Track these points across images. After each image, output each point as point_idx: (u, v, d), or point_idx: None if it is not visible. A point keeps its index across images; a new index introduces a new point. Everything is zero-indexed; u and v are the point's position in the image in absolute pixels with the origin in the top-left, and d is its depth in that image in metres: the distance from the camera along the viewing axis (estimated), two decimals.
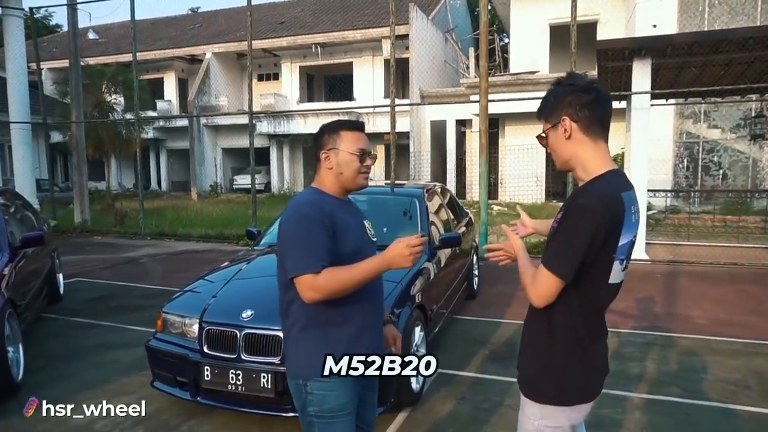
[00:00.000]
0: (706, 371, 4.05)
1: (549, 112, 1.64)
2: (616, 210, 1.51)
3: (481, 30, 8.17)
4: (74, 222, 12.36)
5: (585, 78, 1.64)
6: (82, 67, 15.26)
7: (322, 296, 1.74)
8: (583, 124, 1.59)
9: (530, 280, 1.60)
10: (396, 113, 19.28)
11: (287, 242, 1.82)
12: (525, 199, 16.86)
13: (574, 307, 1.57)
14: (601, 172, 1.57)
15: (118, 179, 26.49)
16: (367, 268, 1.76)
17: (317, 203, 1.83)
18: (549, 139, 1.66)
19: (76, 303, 6.06)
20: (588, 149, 1.60)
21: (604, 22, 17.65)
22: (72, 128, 12.42)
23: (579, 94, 1.58)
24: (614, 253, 1.53)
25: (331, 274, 1.73)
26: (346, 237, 1.84)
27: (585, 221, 1.48)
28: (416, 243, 1.73)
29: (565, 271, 1.50)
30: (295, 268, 1.75)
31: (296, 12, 26.29)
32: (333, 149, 1.89)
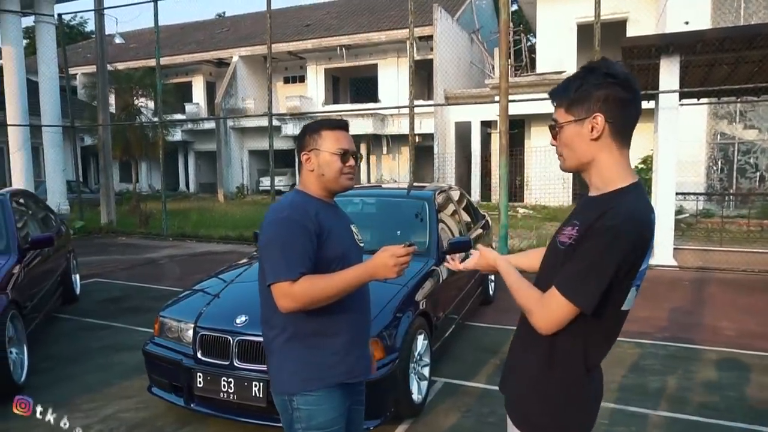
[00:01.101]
0: (733, 388, 3.78)
1: (575, 101, 1.37)
2: (648, 234, 1.33)
3: (501, 29, 7.97)
4: (100, 223, 12.58)
5: (623, 68, 1.38)
6: (112, 72, 15.62)
7: (298, 305, 1.65)
8: (616, 126, 1.35)
9: (535, 303, 1.38)
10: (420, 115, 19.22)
11: (266, 247, 1.73)
12: (551, 202, 16.49)
13: (579, 335, 1.37)
14: (625, 184, 1.36)
15: (149, 181, 27.08)
16: (349, 278, 1.66)
17: (300, 206, 1.75)
18: (566, 132, 1.40)
19: (90, 304, 6.11)
20: (613, 156, 1.37)
21: (633, 20, 17.13)
22: (99, 131, 12.66)
23: (618, 90, 1.34)
24: (633, 279, 1.35)
25: (309, 282, 1.64)
26: (332, 241, 1.76)
27: (616, 248, 1.27)
28: (402, 253, 1.61)
29: (587, 301, 1.30)
30: (272, 275, 1.66)
31: (322, 14, 26.40)
32: (314, 150, 1.81)
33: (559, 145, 1.44)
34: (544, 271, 1.48)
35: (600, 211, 1.31)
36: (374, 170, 22.93)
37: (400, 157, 22.25)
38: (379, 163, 23.02)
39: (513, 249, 8.83)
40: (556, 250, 1.42)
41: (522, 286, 1.43)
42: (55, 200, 14.16)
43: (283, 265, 1.64)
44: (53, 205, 13.72)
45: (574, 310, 1.31)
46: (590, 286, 1.29)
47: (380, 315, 3.17)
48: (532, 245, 9.22)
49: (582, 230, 1.33)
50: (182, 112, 25.20)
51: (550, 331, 1.36)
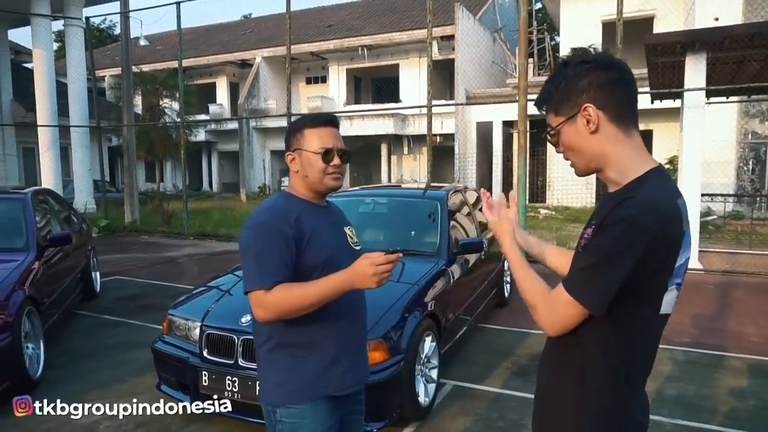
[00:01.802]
0: (755, 397, 3.63)
1: (560, 101, 1.27)
2: (673, 222, 1.16)
3: (520, 26, 7.85)
4: (124, 222, 12.83)
5: (598, 51, 1.28)
6: (137, 74, 15.95)
7: (272, 315, 1.57)
8: (611, 110, 1.23)
9: (540, 298, 1.23)
10: (442, 115, 19.09)
11: (243, 253, 1.65)
12: (574, 203, 16.20)
13: (609, 345, 1.21)
14: (643, 171, 1.22)
15: (173, 180, 27.53)
16: (326, 287, 1.56)
17: (280, 210, 1.67)
18: (563, 136, 1.29)
19: (109, 301, 6.22)
20: (621, 143, 1.24)
21: (660, 17, 16.73)
22: (123, 131, 12.92)
23: (599, 73, 1.23)
24: (669, 278, 1.17)
25: (283, 291, 1.55)
26: (317, 246, 1.66)
27: (626, 239, 1.12)
28: (381, 261, 1.49)
29: (595, 301, 1.15)
30: (247, 282, 1.60)
31: (344, 15, 26.48)
32: (297, 150, 1.72)
33: (563, 151, 1.33)
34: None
35: (614, 202, 1.18)
36: (395, 170, 22.89)
37: (420, 158, 22.15)
38: (400, 163, 22.97)
39: None
40: (576, 254, 1.28)
41: (528, 277, 1.29)
42: (83, 199, 14.53)
43: (257, 273, 1.57)
44: (80, 203, 14.10)
45: (581, 310, 1.16)
46: (598, 284, 1.14)
47: (386, 315, 3.14)
48: None
49: (597, 225, 1.20)
50: (206, 113, 25.56)
51: (556, 332, 1.22)
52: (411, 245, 4.32)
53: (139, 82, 15.73)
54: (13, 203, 4.93)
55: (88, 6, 15.85)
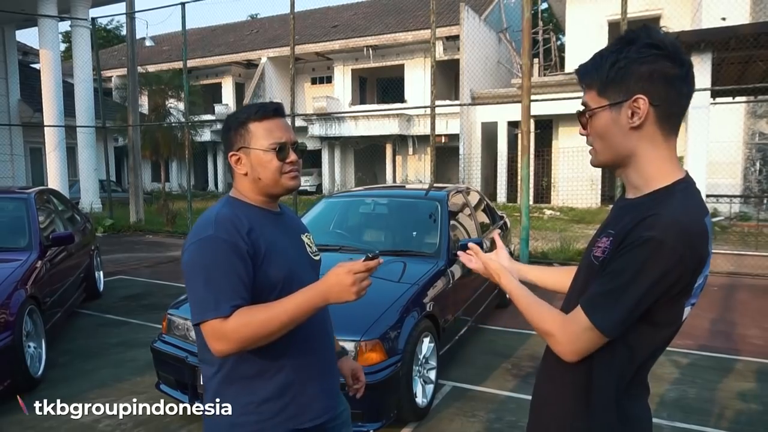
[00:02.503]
0: (757, 400, 3.61)
1: (610, 81, 1.11)
2: (701, 246, 1.06)
3: (524, 27, 7.82)
4: (129, 221, 12.90)
5: (668, 36, 1.10)
6: (143, 74, 16.03)
7: (234, 347, 1.30)
8: (663, 110, 1.09)
9: (555, 325, 1.14)
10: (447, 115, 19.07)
11: (188, 278, 1.35)
12: (579, 203, 16.15)
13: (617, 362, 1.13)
14: (670, 182, 1.11)
15: (179, 180, 27.66)
16: (296, 305, 1.31)
17: (229, 220, 1.38)
18: (599, 119, 1.14)
19: (112, 300, 6.26)
20: (657, 148, 1.12)
21: (667, 17, 16.63)
22: (128, 131, 12.99)
23: (666, 64, 1.07)
24: (686, 298, 1.10)
25: (245, 317, 1.29)
26: (275, 259, 1.41)
27: (651, 263, 1.02)
28: (361, 269, 1.27)
29: (612, 326, 1.07)
30: (198, 312, 1.31)
31: (349, 15, 26.51)
32: (243, 149, 1.45)
33: (590, 134, 1.18)
34: (575, 292, 1.22)
35: (638, 218, 1.07)
36: (400, 170, 22.89)
37: (425, 158, 22.12)
38: (405, 163, 22.97)
39: (536, 251, 8.67)
40: (591, 266, 1.18)
41: (535, 305, 1.20)
42: (89, 199, 14.62)
43: (211, 299, 1.29)
44: (86, 203, 14.19)
45: (601, 337, 1.09)
46: (619, 309, 1.06)
47: (383, 316, 3.14)
48: (555, 247, 9.03)
49: (617, 241, 1.10)
50: (212, 113, 25.67)
51: (575, 358, 1.13)
52: (411, 246, 4.33)
53: (144, 82, 15.82)
54: (16, 203, 4.98)
55: (95, 7, 15.94)
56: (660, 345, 1.15)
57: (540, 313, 1.18)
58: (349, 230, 4.78)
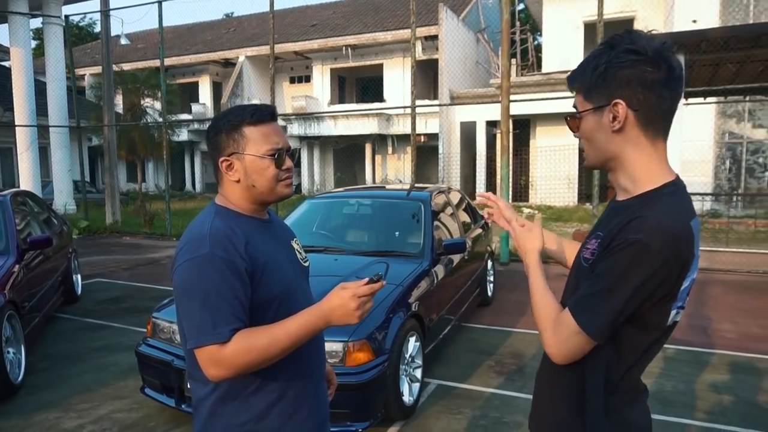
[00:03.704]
0: (731, 392, 3.74)
1: (593, 84, 1.14)
2: (686, 249, 1.07)
3: (503, 28, 7.93)
4: (105, 223, 12.67)
5: (653, 40, 1.11)
6: (118, 72, 15.75)
7: (230, 373, 1.25)
8: (644, 114, 1.11)
9: (549, 324, 1.16)
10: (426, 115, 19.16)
11: (181, 299, 1.29)
12: (556, 202, 16.40)
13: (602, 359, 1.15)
14: (657, 185, 1.12)
15: (155, 181, 27.25)
16: (298, 328, 1.26)
17: (224, 234, 1.30)
18: (585, 123, 1.18)
19: (91, 303, 6.16)
20: (642, 151, 1.13)
21: (641, 18, 16.98)
22: (104, 131, 12.76)
23: (646, 69, 1.08)
24: (672, 303, 1.11)
25: (245, 341, 1.23)
26: (272, 275, 1.34)
27: (638, 267, 1.04)
28: (366, 292, 1.24)
29: (599, 329, 1.09)
30: (194, 337, 1.24)
31: (328, 14, 26.42)
32: (236, 154, 1.36)
33: (580, 138, 1.21)
34: (568, 290, 1.26)
35: (625, 220, 1.09)
36: (379, 170, 22.93)
37: (405, 157, 22.21)
38: (385, 162, 23.01)
39: (515, 249, 8.79)
40: (580, 268, 1.21)
41: (543, 295, 1.21)
42: (62, 200, 14.32)
43: (208, 323, 1.22)
44: (60, 204, 13.89)
45: (588, 340, 1.10)
46: (604, 312, 1.07)
47: (370, 316, 3.16)
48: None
49: (604, 243, 1.12)
50: (189, 112, 25.34)
51: (564, 361, 1.15)
52: (395, 246, 4.36)
53: (120, 81, 15.55)
54: None
55: (67, 4, 15.60)
56: (648, 347, 1.16)
57: (541, 305, 1.20)
58: (333, 231, 4.80)
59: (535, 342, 4.71)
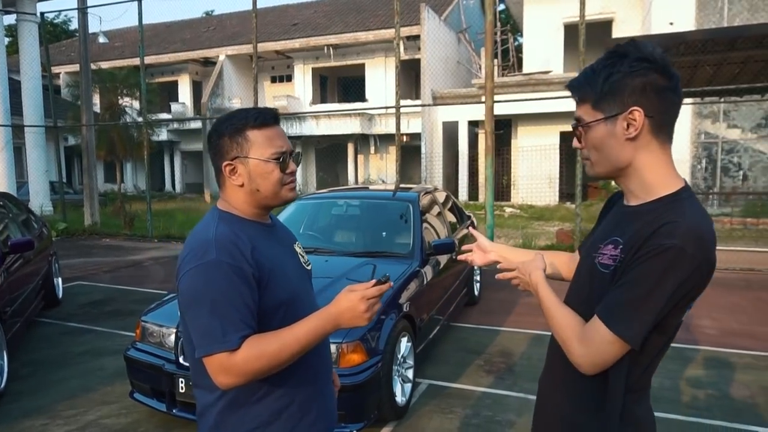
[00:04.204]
0: (712, 386, 3.83)
1: (604, 94, 1.14)
2: (713, 253, 1.09)
3: (486, 29, 8.00)
4: (84, 224, 12.44)
5: (655, 48, 1.13)
6: (96, 71, 15.46)
7: (241, 380, 1.24)
8: (657, 120, 1.13)
9: (575, 335, 1.14)
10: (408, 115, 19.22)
11: (189, 307, 1.27)
12: (538, 201, 16.59)
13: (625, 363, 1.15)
14: (674, 189, 1.14)
15: (134, 181, 26.83)
16: (307, 332, 1.25)
17: (230, 240, 1.28)
18: (594, 132, 1.17)
19: (73, 307, 6.04)
20: (655, 156, 1.15)
21: (620, 20, 17.28)
22: (82, 131, 12.52)
23: (658, 77, 1.10)
24: (692, 301, 1.13)
25: (255, 348, 1.22)
26: (279, 280, 1.34)
27: (675, 271, 1.04)
28: (375, 294, 1.24)
29: (638, 336, 1.08)
30: (203, 345, 1.23)
31: (309, 13, 26.31)
32: (239, 158, 1.35)
33: (585, 147, 1.21)
34: (576, 296, 1.26)
35: (652, 226, 1.08)
36: (362, 170, 22.92)
37: (387, 157, 22.25)
38: (367, 162, 23.01)
39: None
40: (595, 273, 1.20)
41: (560, 310, 1.21)
42: (38, 201, 14.01)
43: (218, 331, 1.21)
44: (36, 206, 13.59)
45: (624, 346, 1.10)
46: (642, 319, 1.07)
47: None
48: (518, 244, 9.27)
49: (630, 250, 1.11)
50: (168, 112, 25.00)
51: (594, 370, 1.14)
52: (384, 247, 4.38)
53: (97, 80, 15.26)
54: None
55: (42, 0, 15.27)
56: (662, 347, 1.19)
57: (560, 319, 1.19)
58: (322, 232, 4.79)
59: (523, 341, 4.77)
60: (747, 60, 7.77)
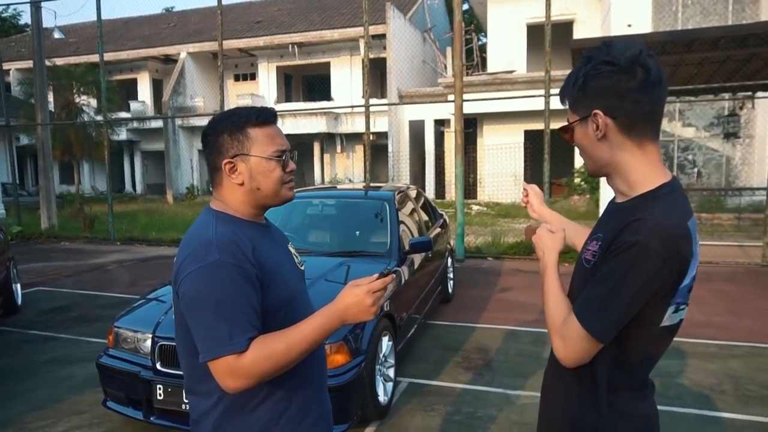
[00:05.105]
0: (681, 375, 3.97)
1: (576, 97, 1.20)
2: (685, 248, 1.10)
3: (455, 28, 8.06)
4: (41, 227, 11.94)
5: (629, 49, 1.14)
6: (50, 68, 14.87)
7: (250, 382, 1.21)
8: (622, 121, 1.15)
9: (557, 328, 1.19)
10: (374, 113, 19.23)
11: (194, 309, 1.23)
12: (504, 199, 16.85)
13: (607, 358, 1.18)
14: (653, 186, 1.16)
15: (92, 182, 25.94)
16: (313, 330, 1.23)
17: (232, 241, 1.26)
18: (576, 134, 1.23)
19: (33, 314, 5.79)
20: (631, 155, 1.17)
21: (580, 21, 17.73)
22: (37, 131, 12.00)
23: (620, 78, 1.13)
24: (672, 299, 1.14)
25: (263, 349, 1.20)
26: (279, 280, 1.33)
27: (639, 268, 1.07)
28: (379, 287, 1.24)
29: (603, 331, 1.12)
30: (209, 349, 1.20)
31: (273, 11, 25.98)
32: (241, 156, 1.33)
33: (576, 146, 1.27)
34: (573, 291, 1.28)
35: (623, 223, 1.12)
36: (328, 169, 22.79)
37: (354, 156, 22.21)
38: (333, 161, 22.91)
39: (469, 246, 8.97)
40: (581, 269, 1.25)
41: (555, 298, 1.24)
42: None
43: (225, 333, 1.18)
44: None
45: (594, 341, 1.13)
46: (607, 312, 1.11)
47: None
48: (488, 241, 9.39)
49: (605, 246, 1.15)
50: (127, 111, 24.28)
51: (573, 364, 1.17)
52: (362, 246, 4.35)
53: (52, 77, 14.67)
54: None
55: None
56: (652, 344, 1.20)
57: (552, 309, 1.22)
58: (297, 232, 4.72)
59: (498, 337, 4.84)
60: (703, 61, 8.08)
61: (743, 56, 7.73)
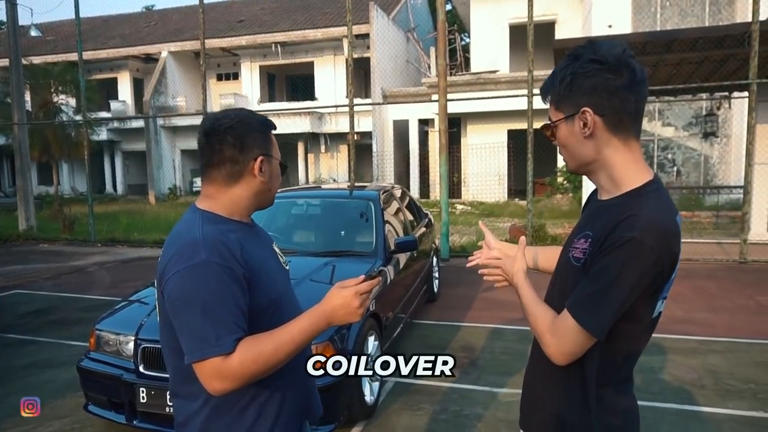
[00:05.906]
0: (662, 371, 4.03)
1: (562, 95, 1.21)
2: (674, 244, 1.12)
3: (439, 28, 8.09)
4: (18, 229, 11.71)
5: (614, 48, 1.16)
6: (27, 67, 14.58)
7: (236, 384, 1.19)
8: (611, 119, 1.16)
9: (547, 327, 1.19)
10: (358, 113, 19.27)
11: (180, 309, 1.21)
12: (488, 198, 16.96)
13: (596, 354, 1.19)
14: (640, 183, 1.17)
15: (71, 183, 25.52)
16: (300, 332, 1.23)
17: (219, 241, 1.24)
18: (560, 132, 1.24)
19: (11, 317, 5.68)
20: (617, 152, 1.19)
21: (561, 21, 17.92)
22: (14, 130, 11.77)
23: (608, 76, 1.14)
24: (661, 293, 1.17)
25: (250, 350, 1.18)
26: (267, 280, 1.32)
27: (634, 263, 1.08)
28: (366, 289, 1.25)
29: (600, 326, 1.12)
30: (195, 350, 1.17)
31: (255, 10, 25.81)
32: (267, 156, 1.35)
33: (557, 144, 1.28)
34: (555, 289, 1.30)
35: (615, 220, 1.13)
36: (312, 169, 22.71)
37: (338, 156, 22.18)
38: (317, 161, 22.84)
39: (454, 245, 9.01)
40: (569, 267, 1.24)
41: (536, 306, 1.25)
42: None
43: (211, 334, 1.16)
44: None
45: (590, 338, 1.14)
46: (604, 308, 1.12)
47: None
48: (472, 241, 9.44)
49: (596, 243, 1.16)
50: (107, 110, 23.93)
51: (564, 360, 1.18)
52: (347, 246, 4.35)
53: (29, 76, 14.39)
54: None
55: None
56: (638, 339, 1.21)
57: (536, 314, 1.23)
58: (282, 232, 4.70)
59: (483, 335, 4.87)
60: (681, 62, 8.23)
61: (720, 57, 7.88)
